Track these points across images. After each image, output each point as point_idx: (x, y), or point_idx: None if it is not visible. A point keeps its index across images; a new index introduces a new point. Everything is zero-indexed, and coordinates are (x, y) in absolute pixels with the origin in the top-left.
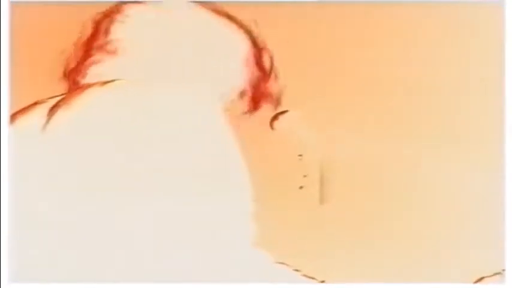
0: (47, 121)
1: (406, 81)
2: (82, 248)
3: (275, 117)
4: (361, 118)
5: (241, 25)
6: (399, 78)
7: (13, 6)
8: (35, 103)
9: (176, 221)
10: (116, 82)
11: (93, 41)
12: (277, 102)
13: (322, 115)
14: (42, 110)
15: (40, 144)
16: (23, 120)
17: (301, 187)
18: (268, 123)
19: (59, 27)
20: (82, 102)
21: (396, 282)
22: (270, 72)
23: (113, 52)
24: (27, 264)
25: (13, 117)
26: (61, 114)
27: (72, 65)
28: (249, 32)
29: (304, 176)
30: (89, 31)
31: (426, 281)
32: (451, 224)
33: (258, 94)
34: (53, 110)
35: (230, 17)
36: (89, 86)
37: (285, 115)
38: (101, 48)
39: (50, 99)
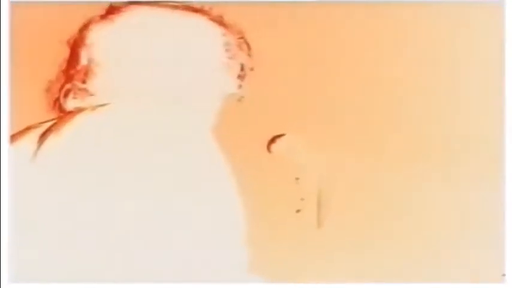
0: (38, 147)
1: (405, 81)
2: (81, 250)
3: (272, 140)
4: (359, 139)
5: (212, 18)
6: (398, 78)
7: (13, 6)
8: (28, 128)
9: (169, 246)
10: (106, 106)
11: (70, 68)
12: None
13: (319, 138)
14: (34, 136)
15: (32, 169)
16: (15, 146)
17: (298, 210)
18: (266, 146)
19: (59, 27)
20: (72, 127)
21: None
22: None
23: (89, 77)
24: (27, 264)
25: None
26: (52, 139)
27: (56, 94)
28: (221, 22)
29: (302, 199)
30: (66, 57)
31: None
32: (450, 241)
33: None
34: (44, 135)
35: (197, 10)
36: (80, 111)
37: (282, 138)
38: (78, 74)
39: (42, 124)
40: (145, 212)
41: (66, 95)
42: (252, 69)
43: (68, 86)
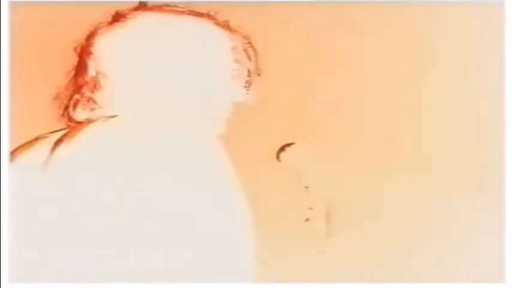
0: (50, 156)
1: (406, 81)
2: (81, 250)
3: (282, 149)
4: (369, 147)
5: (218, 23)
6: (398, 78)
7: (13, 6)
8: (36, 138)
9: (175, 254)
10: (116, 118)
11: (78, 78)
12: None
13: (328, 146)
14: (43, 146)
15: (42, 179)
16: (25, 156)
17: (307, 219)
18: (275, 155)
19: (59, 28)
20: (84, 137)
21: None
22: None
23: (98, 89)
24: (27, 264)
25: (14, 152)
26: (63, 149)
27: (65, 103)
28: (227, 27)
29: (310, 208)
30: (72, 64)
31: None
32: (451, 242)
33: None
34: (56, 145)
35: (203, 15)
36: (90, 121)
37: (292, 147)
38: (86, 85)
39: (52, 134)
40: (154, 221)
41: (75, 105)
42: (259, 75)
43: (76, 96)
